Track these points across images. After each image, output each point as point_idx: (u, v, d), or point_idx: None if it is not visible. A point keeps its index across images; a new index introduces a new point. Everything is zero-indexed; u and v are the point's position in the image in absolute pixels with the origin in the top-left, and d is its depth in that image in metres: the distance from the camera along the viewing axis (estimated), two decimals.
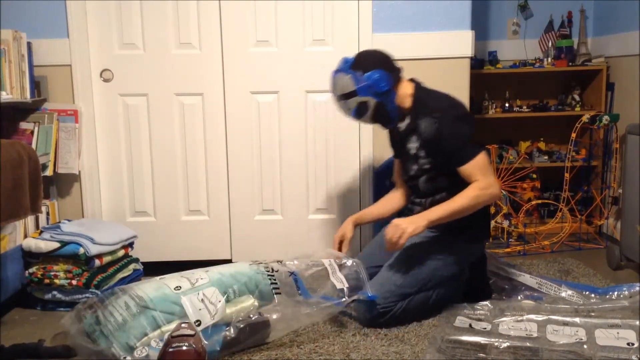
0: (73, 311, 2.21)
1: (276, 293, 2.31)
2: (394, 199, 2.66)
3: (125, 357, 1.98)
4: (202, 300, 2.14)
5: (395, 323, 2.33)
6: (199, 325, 2.07)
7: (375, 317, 2.31)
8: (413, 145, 2.44)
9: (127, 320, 2.04)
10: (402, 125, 2.47)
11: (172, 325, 2.03)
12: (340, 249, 2.58)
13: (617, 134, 3.47)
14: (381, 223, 2.98)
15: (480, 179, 2.30)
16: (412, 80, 2.48)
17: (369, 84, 2.33)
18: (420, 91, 2.44)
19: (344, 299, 2.31)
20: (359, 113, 2.39)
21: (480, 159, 2.32)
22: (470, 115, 2.41)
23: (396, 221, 2.30)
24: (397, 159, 2.64)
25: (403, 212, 2.58)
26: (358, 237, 3.20)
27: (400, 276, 2.35)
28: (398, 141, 2.53)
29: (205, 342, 2.02)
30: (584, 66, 3.67)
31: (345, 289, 2.33)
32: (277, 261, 2.48)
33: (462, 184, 2.35)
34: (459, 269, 2.46)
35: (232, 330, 2.12)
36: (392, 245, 2.28)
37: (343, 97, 2.38)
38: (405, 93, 2.42)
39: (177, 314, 2.10)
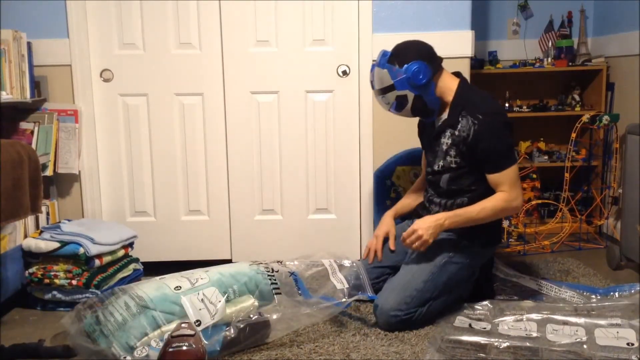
0: (73, 311, 2.20)
1: (276, 293, 2.31)
2: (419, 192, 2.65)
3: (125, 357, 1.98)
4: (202, 300, 2.14)
5: (413, 328, 2.30)
6: (199, 325, 2.07)
7: (397, 324, 2.28)
8: (445, 140, 2.38)
9: (127, 320, 2.05)
10: (440, 118, 2.42)
11: (172, 325, 2.03)
12: (381, 246, 2.53)
13: (617, 134, 3.47)
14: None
15: (508, 191, 2.30)
16: (457, 74, 2.44)
17: (406, 77, 2.29)
18: (465, 88, 2.39)
19: (344, 299, 2.31)
20: (399, 107, 2.36)
21: (513, 170, 2.31)
22: (511, 123, 2.36)
23: (418, 229, 2.29)
24: (425, 152, 2.60)
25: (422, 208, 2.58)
26: (359, 238, 3.20)
27: (421, 282, 2.32)
28: (431, 133, 2.46)
29: (205, 342, 2.02)
30: (584, 66, 3.67)
31: (345, 289, 2.33)
32: (277, 261, 2.48)
33: (484, 189, 2.35)
34: (473, 271, 2.47)
35: (232, 330, 2.13)
36: (412, 248, 2.32)
37: (381, 92, 2.35)
38: (447, 86, 2.37)
39: (177, 314, 2.10)
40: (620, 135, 3.43)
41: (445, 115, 2.40)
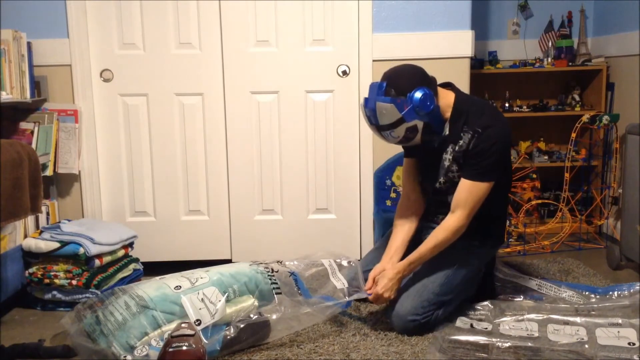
0: (73, 311, 2.20)
1: (277, 293, 2.31)
2: (409, 216, 2.46)
3: (125, 356, 1.98)
4: (202, 299, 2.14)
5: (430, 331, 2.28)
6: (199, 324, 2.07)
7: (415, 328, 2.26)
8: (448, 157, 2.31)
9: (127, 319, 2.04)
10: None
11: (173, 325, 2.03)
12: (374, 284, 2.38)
13: (617, 134, 3.47)
14: (383, 229, 2.97)
15: (462, 217, 2.25)
16: (449, 87, 2.36)
17: (414, 107, 2.15)
18: (462, 101, 2.29)
19: (344, 299, 2.31)
20: (408, 138, 2.22)
21: (486, 188, 2.24)
22: (509, 136, 2.29)
23: (384, 293, 2.28)
24: (409, 160, 2.47)
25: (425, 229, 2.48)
26: (359, 238, 3.20)
27: (438, 285, 2.30)
28: (428, 150, 2.35)
29: (206, 341, 2.02)
30: (584, 66, 3.67)
31: (345, 289, 2.34)
32: (277, 261, 2.48)
33: (492, 197, 2.30)
34: (480, 271, 2.46)
35: (232, 329, 2.12)
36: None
37: (389, 127, 2.18)
38: (445, 103, 2.28)
39: (178, 314, 2.10)
40: (620, 135, 3.43)
41: (446, 131, 2.31)
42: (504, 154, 2.29)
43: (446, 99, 2.29)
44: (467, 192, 2.26)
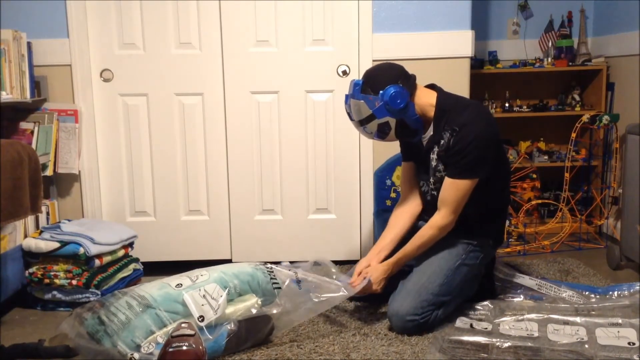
0: (71, 316, 2.17)
1: (276, 288, 2.31)
2: (402, 217, 2.49)
3: (132, 354, 1.97)
4: (204, 296, 2.14)
5: (429, 331, 2.28)
6: (202, 320, 2.07)
7: (414, 328, 2.26)
8: (434, 157, 2.34)
9: (131, 319, 2.04)
10: (425, 135, 2.37)
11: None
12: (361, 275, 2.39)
13: (617, 134, 3.47)
14: (383, 229, 2.96)
15: (446, 215, 2.28)
16: (433, 87, 2.38)
17: (384, 104, 2.21)
18: (443, 101, 2.31)
19: (342, 293, 2.32)
20: (382, 135, 2.30)
21: (468, 186, 2.25)
22: (494, 133, 2.28)
23: (374, 286, 2.33)
24: (406, 163, 2.52)
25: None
26: (359, 238, 3.20)
27: (437, 285, 2.29)
28: (420, 151, 2.41)
29: (210, 337, 2.03)
30: (584, 66, 3.67)
31: (341, 287, 2.34)
32: (274, 263, 2.48)
33: (487, 195, 2.32)
34: (480, 271, 2.46)
35: (232, 325, 2.13)
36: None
37: (362, 123, 2.29)
38: (426, 102, 2.31)
39: (181, 314, 2.10)
40: (620, 135, 3.43)
41: (430, 132, 2.35)
42: (485, 151, 2.25)
43: (428, 99, 2.33)
44: (450, 190, 2.28)
